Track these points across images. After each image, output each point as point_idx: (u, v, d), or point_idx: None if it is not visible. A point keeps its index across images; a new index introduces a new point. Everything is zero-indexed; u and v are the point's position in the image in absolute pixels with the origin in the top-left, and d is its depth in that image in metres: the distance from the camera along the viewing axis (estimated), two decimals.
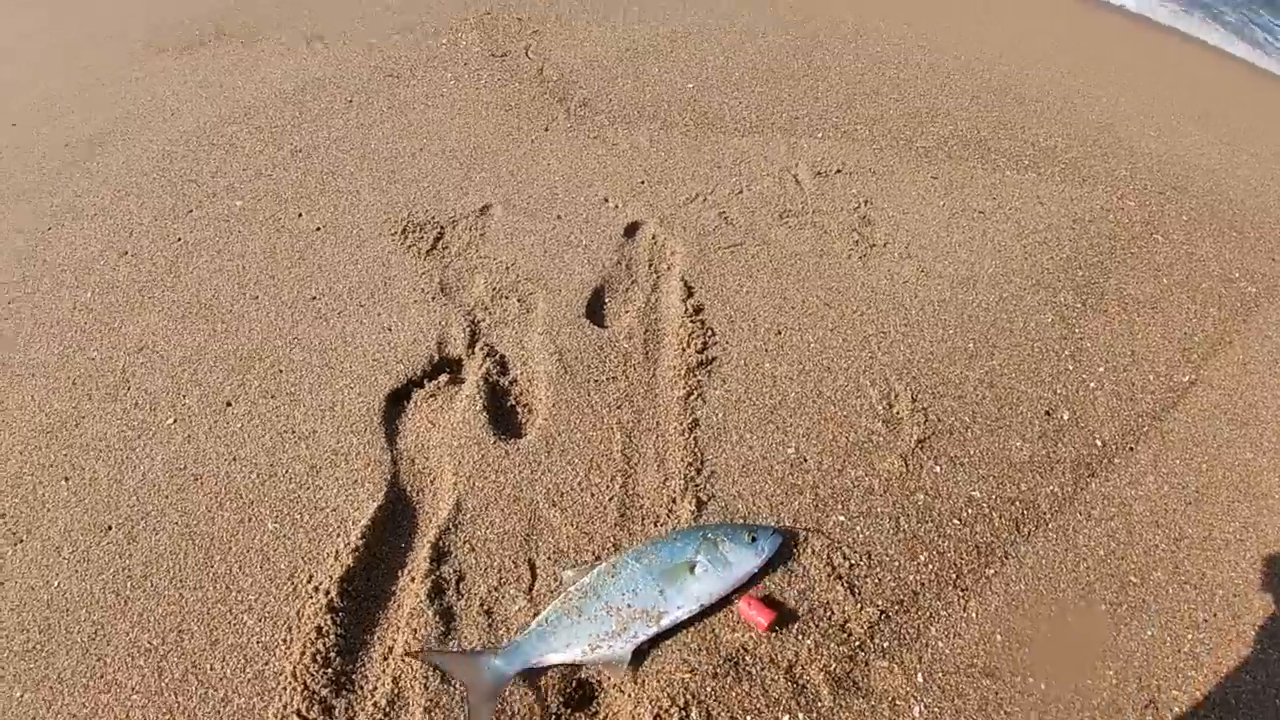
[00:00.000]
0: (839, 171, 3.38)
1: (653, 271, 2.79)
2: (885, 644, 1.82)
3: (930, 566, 1.97)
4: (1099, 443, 2.35)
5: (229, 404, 2.35)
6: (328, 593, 1.87)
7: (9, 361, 2.55)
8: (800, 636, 1.82)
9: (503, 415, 2.32)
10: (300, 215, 3.08)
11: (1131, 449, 2.37)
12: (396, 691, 1.73)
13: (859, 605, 1.88)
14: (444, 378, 2.40)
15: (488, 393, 2.34)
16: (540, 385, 2.37)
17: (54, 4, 5.90)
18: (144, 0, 5.74)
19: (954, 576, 1.96)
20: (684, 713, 1.71)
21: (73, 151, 3.63)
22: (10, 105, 4.19)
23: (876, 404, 2.35)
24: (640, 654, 1.80)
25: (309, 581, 1.91)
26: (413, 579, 1.93)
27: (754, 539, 1.91)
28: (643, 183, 3.23)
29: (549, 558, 1.96)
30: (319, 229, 3.01)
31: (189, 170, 3.39)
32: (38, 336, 2.62)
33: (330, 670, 1.75)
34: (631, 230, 2.96)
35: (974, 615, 1.89)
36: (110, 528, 2.06)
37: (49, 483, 2.18)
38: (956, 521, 2.08)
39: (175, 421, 2.31)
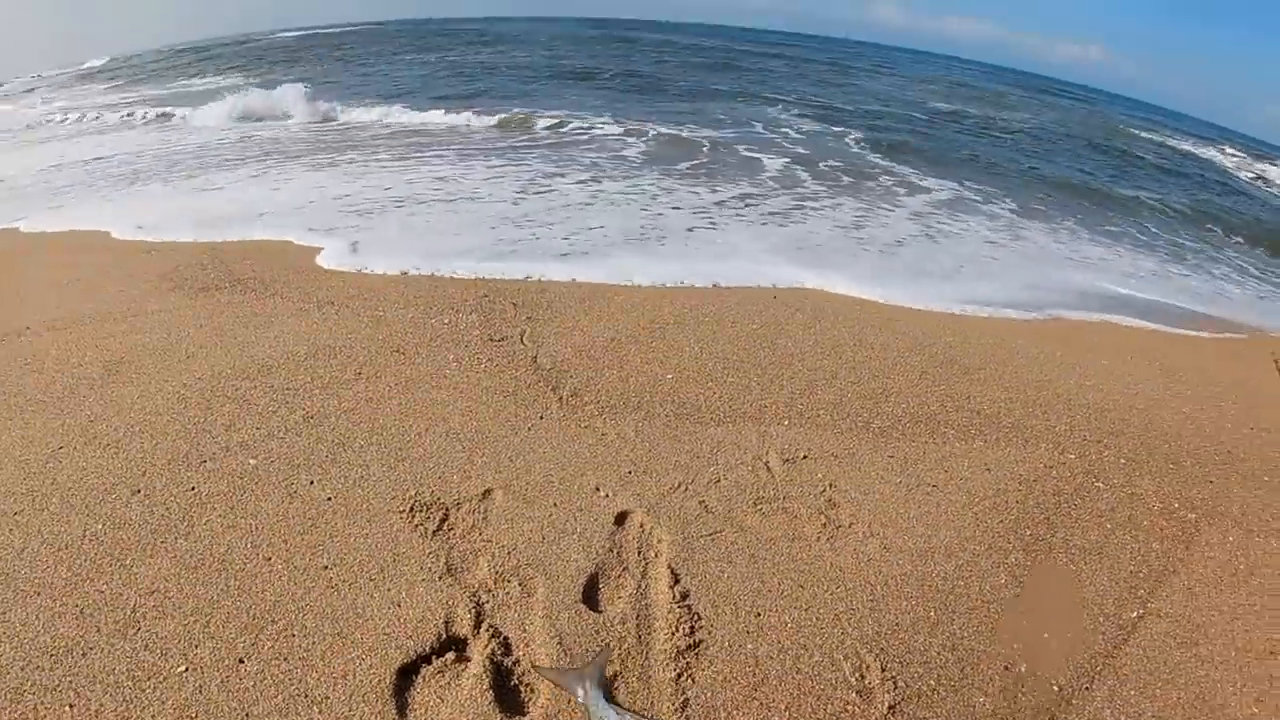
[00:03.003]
0: (805, 457, 3.70)
1: (642, 559, 3.02)
2: None
3: None
4: (1055, 688, 2.57)
5: (241, 660, 2.48)
6: None
7: (13, 574, 2.68)
8: None
9: (507, 694, 2.48)
10: (312, 483, 3.30)
11: (1087, 689, 2.59)
12: None
13: None
14: (451, 655, 2.57)
15: (493, 672, 2.51)
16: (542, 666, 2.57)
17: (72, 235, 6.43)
18: (159, 235, 6.28)
19: None
20: None
21: (87, 373, 3.90)
22: (27, 316, 4.54)
23: (850, 676, 2.56)
24: None
25: None
26: None
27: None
28: (630, 472, 3.51)
29: None
30: (330, 499, 3.21)
31: (203, 419, 3.63)
32: (44, 556, 2.76)
33: None
34: (621, 519, 3.22)
35: None
36: None
37: (51, 705, 2.26)
38: None
39: (187, 670, 2.42)
